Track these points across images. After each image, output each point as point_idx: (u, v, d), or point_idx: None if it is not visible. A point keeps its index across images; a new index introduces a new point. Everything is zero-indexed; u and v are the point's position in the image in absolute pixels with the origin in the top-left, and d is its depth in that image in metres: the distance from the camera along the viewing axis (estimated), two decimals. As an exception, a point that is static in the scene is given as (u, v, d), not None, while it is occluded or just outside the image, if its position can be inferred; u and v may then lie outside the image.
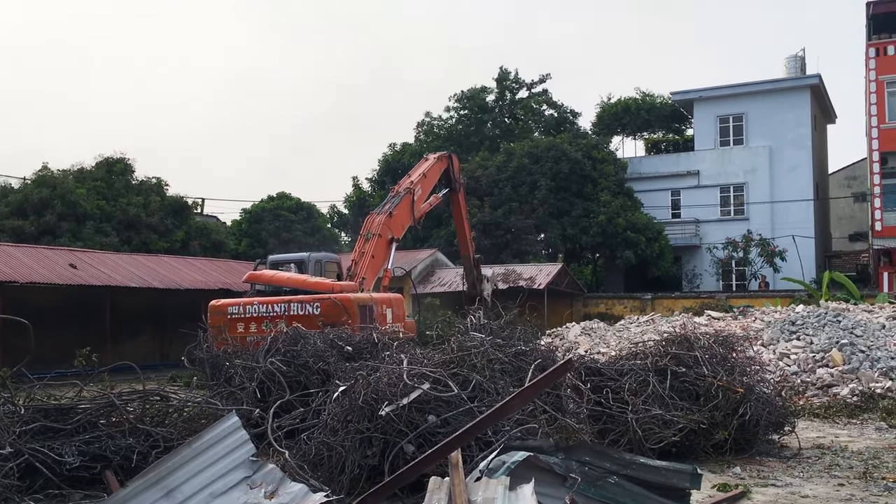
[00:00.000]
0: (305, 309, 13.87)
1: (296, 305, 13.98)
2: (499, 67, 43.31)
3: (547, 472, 5.04)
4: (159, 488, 5.55)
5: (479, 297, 20.95)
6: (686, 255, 38.84)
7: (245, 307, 14.27)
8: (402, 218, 18.44)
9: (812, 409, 12.29)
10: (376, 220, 17.67)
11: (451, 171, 21.44)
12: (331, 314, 13.53)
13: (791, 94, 37.93)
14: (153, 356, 25.40)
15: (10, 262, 21.07)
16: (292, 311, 13.88)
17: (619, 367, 9.14)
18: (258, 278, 16.16)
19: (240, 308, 14.28)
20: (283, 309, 13.97)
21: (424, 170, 20.05)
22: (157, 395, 8.53)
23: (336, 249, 33.11)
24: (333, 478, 6.87)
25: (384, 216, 17.72)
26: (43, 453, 7.15)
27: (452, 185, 21.57)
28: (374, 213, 18.15)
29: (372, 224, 17.59)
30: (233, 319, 14.12)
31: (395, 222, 18.07)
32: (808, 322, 16.17)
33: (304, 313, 13.76)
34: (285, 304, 14.04)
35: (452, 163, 21.63)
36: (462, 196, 22.65)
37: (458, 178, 22.01)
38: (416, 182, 19.26)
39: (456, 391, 7.04)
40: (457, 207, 22.41)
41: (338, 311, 13.66)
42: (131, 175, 32.05)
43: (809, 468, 8.31)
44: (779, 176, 37.50)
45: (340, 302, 13.89)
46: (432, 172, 20.33)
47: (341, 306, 13.77)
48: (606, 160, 37.33)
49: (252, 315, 14.09)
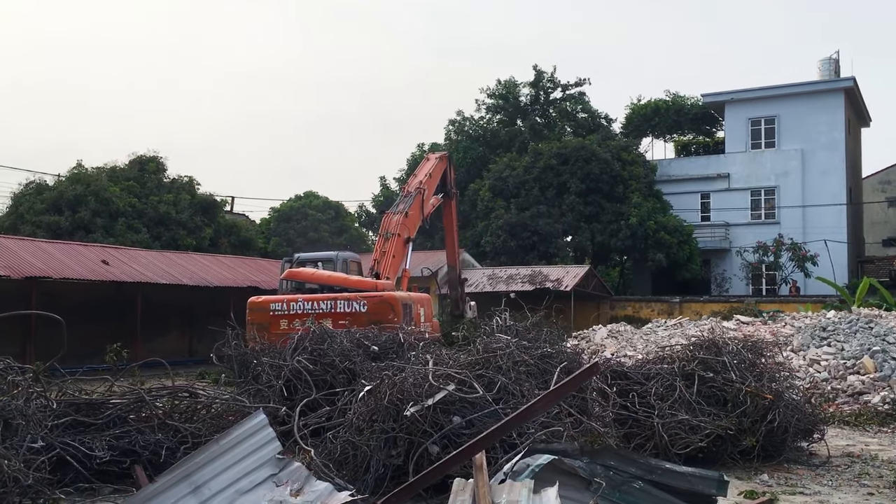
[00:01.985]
0: (352, 307, 13.92)
1: (342, 303, 14.01)
2: (533, 67, 43.14)
3: (571, 476, 5.02)
4: (187, 484, 5.61)
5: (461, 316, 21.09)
6: (715, 258, 38.48)
7: (289, 304, 14.29)
8: (415, 217, 18.70)
9: (842, 416, 12.12)
10: (394, 219, 17.87)
11: (448, 175, 21.49)
12: (378, 312, 13.58)
13: (824, 96, 37.42)
14: (181, 352, 25.68)
15: (45, 258, 21.43)
16: (339, 309, 13.92)
17: (645, 370, 9.08)
18: (298, 276, 16.23)
19: (283, 305, 14.31)
20: (330, 306, 14.01)
21: (429, 170, 20.22)
22: (185, 391, 8.62)
23: (364, 249, 33.23)
24: (358, 477, 6.91)
25: (401, 216, 17.92)
26: (74, 447, 7.27)
27: (447, 191, 21.54)
28: (391, 213, 18.37)
29: (390, 224, 17.78)
30: (275, 316, 14.16)
31: (411, 222, 18.34)
32: (839, 328, 15.95)
33: (350, 311, 13.83)
34: (331, 302, 14.07)
35: (450, 165, 21.70)
36: (455, 204, 22.75)
37: (452, 185, 22.10)
38: (423, 182, 19.47)
39: (481, 393, 7.05)
40: (448, 214, 22.44)
41: (385, 308, 13.74)
42: (163, 173, 32.47)
43: (839, 476, 8.20)
44: (811, 179, 37.01)
45: (388, 300, 13.97)
46: (436, 172, 20.51)
47: (389, 305, 13.85)
48: (636, 162, 37.07)
49: (296, 312, 14.09)
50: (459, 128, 44.04)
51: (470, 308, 22.75)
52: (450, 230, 22.80)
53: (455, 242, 22.96)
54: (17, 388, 6.19)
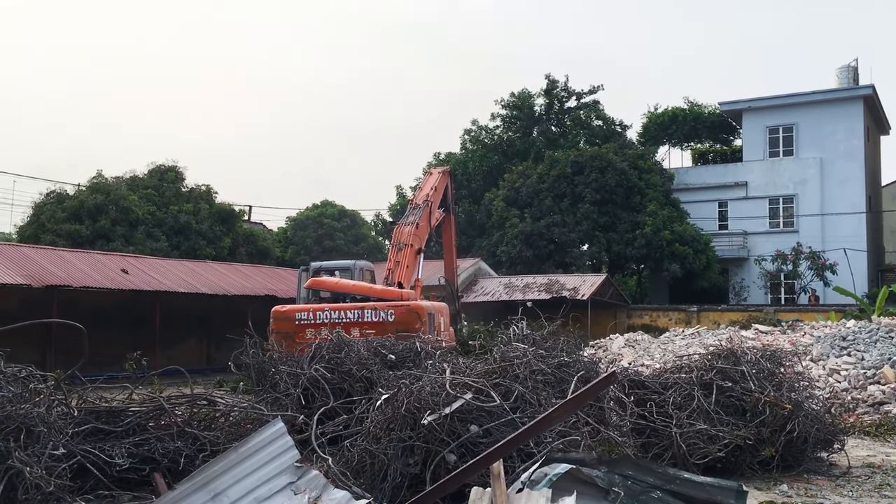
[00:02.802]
0: (379, 315, 13.98)
1: (369, 312, 14.06)
2: (545, 76, 43.10)
3: (589, 486, 5.02)
4: (206, 491, 5.64)
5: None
6: (733, 267, 38.22)
7: (315, 313, 14.36)
8: (424, 229, 19.01)
9: (862, 426, 12.00)
10: (405, 231, 18.14)
11: (448, 190, 21.75)
12: (405, 321, 13.64)
13: (843, 104, 37.17)
14: (199, 361, 25.83)
15: (65, 267, 21.65)
16: (366, 318, 13.98)
17: (663, 380, 9.04)
18: (322, 284, 16.30)
19: (309, 314, 14.38)
20: (357, 315, 14.07)
21: (434, 183, 20.62)
22: (204, 399, 8.66)
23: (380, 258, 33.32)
24: (376, 485, 6.91)
25: (412, 227, 18.22)
26: (94, 454, 7.31)
27: (447, 206, 21.76)
28: (402, 224, 18.75)
29: (402, 235, 18.04)
30: (301, 325, 14.23)
31: (421, 233, 18.66)
32: (859, 337, 15.81)
33: (377, 320, 13.90)
34: (359, 311, 14.13)
35: (451, 181, 21.97)
36: (454, 219, 23.03)
37: (452, 200, 22.43)
38: (430, 195, 19.83)
39: (498, 402, 7.05)
40: (448, 230, 22.69)
41: (413, 318, 13.81)
42: (181, 182, 32.72)
43: (859, 487, 8.12)
44: (830, 188, 36.74)
45: (415, 310, 14.03)
46: (440, 186, 20.86)
47: (416, 314, 13.90)
48: (653, 170, 36.94)
49: (323, 321, 14.16)
50: (475, 137, 44.06)
51: (465, 325, 22.91)
52: (448, 246, 23.15)
53: (453, 257, 23.33)
54: (39, 396, 6.25)
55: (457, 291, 23.43)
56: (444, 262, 23.62)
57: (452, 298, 22.69)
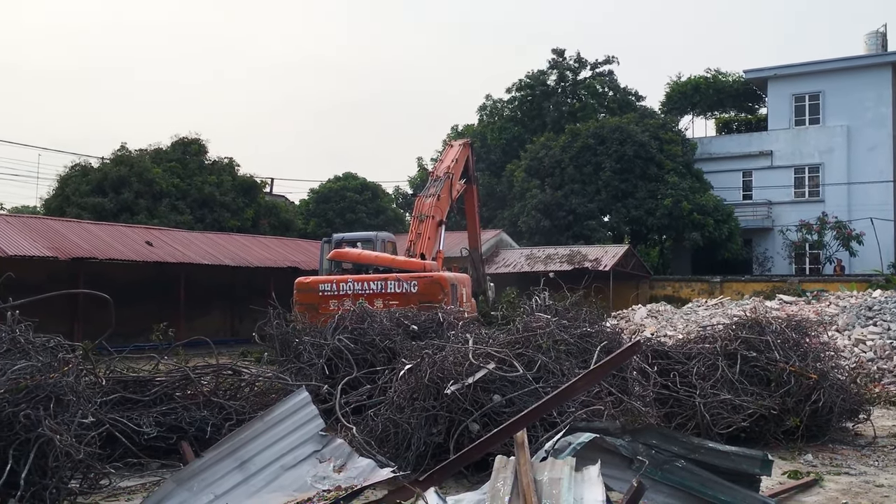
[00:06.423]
0: (402, 287, 14.04)
1: (392, 283, 14.12)
2: (551, 50, 42.63)
3: (613, 455, 5.01)
4: (233, 459, 5.71)
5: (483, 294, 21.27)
6: (757, 237, 37.86)
7: (339, 284, 14.43)
8: (446, 200, 19.03)
9: (888, 396, 11.92)
10: (427, 202, 18.17)
11: (470, 162, 21.83)
12: (429, 292, 13.69)
13: (871, 71, 36.44)
14: (224, 332, 26.09)
15: (91, 240, 21.88)
16: (389, 289, 14.04)
17: (686, 350, 9.01)
18: (344, 256, 16.37)
19: (332, 285, 14.46)
20: (380, 287, 14.13)
21: (455, 155, 20.61)
22: (229, 369, 8.76)
23: (401, 230, 33.35)
24: (399, 454, 6.97)
25: (433, 199, 18.25)
26: (122, 423, 7.44)
27: (469, 177, 21.82)
28: (423, 196, 18.80)
29: (423, 206, 18.07)
30: (325, 296, 14.32)
31: (443, 205, 18.69)
32: (885, 307, 15.63)
33: (401, 291, 13.95)
34: (382, 282, 14.19)
35: (472, 153, 21.99)
36: (476, 189, 23.11)
37: (473, 171, 22.46)
38: (451, 167, 19.82)
39: (521, 371, 7.06)
40: (470, 200, 22.78)
41: (436, 289, 13.85)
42: (204, 155, 32.82)
43: (885, 457, 8.08)
44: (857, 156, 36.15)
45: (439, 281, 14.08)
46: (461, 158, 20.84)
47: (439, 285, 13.95)
48: (674, 140, 36.52)
49: (346, 292, 14.24)
50: (492, 110, 43.88)
51: (490, 288, 23.12)
52: (471, 215, 23.25)
53: (477, 226, 23.45)
54: (68, 366, 6.34)
55: (482, 260, 23.49)
56: (468, 232, 23.69)
57: (477, 268, 22.76)
